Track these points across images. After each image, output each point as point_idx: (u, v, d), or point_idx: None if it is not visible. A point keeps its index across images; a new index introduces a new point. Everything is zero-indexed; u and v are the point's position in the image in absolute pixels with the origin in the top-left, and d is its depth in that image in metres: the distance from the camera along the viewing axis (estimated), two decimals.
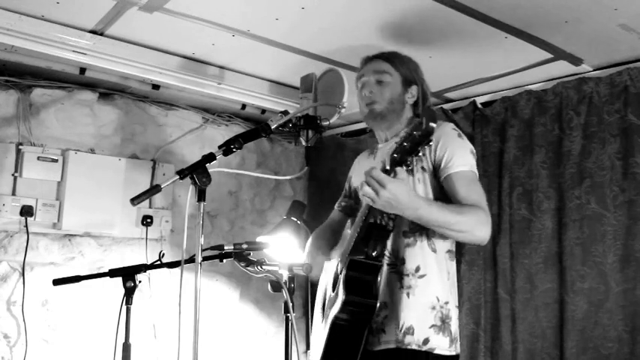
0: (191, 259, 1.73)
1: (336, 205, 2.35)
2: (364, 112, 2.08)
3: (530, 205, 2.78)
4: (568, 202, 2.64)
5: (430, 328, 1.85)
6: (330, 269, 2.16)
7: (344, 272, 1.84)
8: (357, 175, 2.23)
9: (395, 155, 1.51)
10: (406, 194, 1.64)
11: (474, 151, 1.94)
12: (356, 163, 2.30)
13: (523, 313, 2.76)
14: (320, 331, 2.06)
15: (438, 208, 1.76)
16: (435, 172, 1.91)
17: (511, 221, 2.83)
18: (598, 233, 2.53)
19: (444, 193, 1.89)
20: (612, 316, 2.46)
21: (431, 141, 1.46)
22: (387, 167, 1.55)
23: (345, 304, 1.78)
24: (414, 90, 2.06)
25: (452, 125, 1.96)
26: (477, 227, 1.78)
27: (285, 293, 1.77)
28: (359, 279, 1.82)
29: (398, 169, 1.60)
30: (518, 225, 2.78)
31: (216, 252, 1.88)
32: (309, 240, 2.32)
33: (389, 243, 1.90)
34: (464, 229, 1.77)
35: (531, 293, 2.74)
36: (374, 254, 1.83)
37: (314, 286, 2.36)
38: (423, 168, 1.92)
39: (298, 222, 3.01)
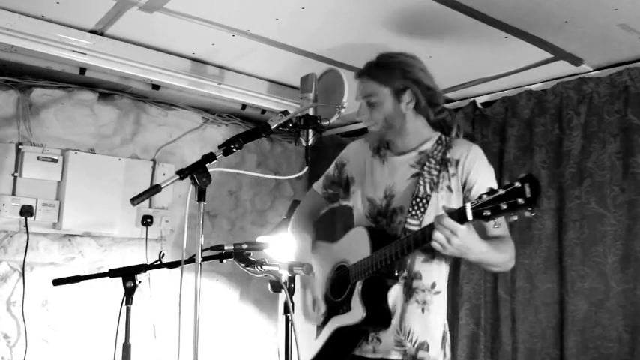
0: (191, 259, 1.73)
1: (319, 190, 2.24)
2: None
3: None
4: (568, 202, 2.64)
5: (440, 347, 1.87)
6: (318, 262, 2.13)
7: (361, 288, 1.85)
8: (354, 166, 2.15)
9: (486, 213, 1.48)
10: (475, 242, 1.64)
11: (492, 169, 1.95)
12: (353, 151, 2.19)
13: (523, 313, 2.75)
14: (310, 327, 2.06)
15: (495, 250, 1.77)
16: (462, 191, 1.90)
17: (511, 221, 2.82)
18: (598, 233, 2.53)
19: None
20: (612, 316, 2.46)
21: (534, 212, 1.44)
22: (470, 218, 1.52)
23: (365, 321, 1.82)
24: (407, 96, 1.95)
25: (481, 150, 1.94)
26: (510, 262, 1.87)
27: (285, 293, 1.77)
28: (378, 296, 1.85)
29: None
30: (518, 225, 2.77)
31: (216, 252, 1.88)
32: (296, 228, 2.25)
33: (408, 259, 1.90)
34: (502, 265, 1.86)
35: (531, 293, 2.74)
36: (396, 274, 1.85)
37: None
38: (449, 187, 1.89)
39: None
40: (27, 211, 2.89)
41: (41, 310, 2.98)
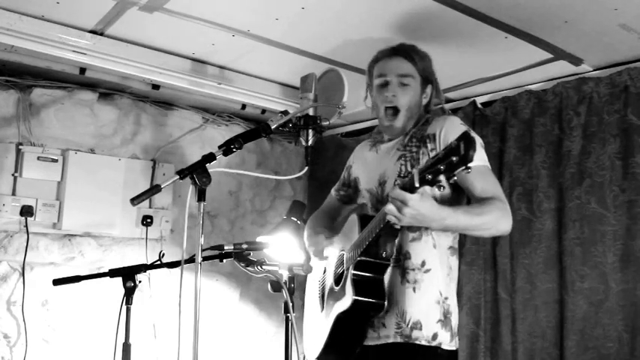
0: (191, 259, 1.73)
1: (334, 192, 2.35)
2: (382, 119, 2.03)
3: (530, 205, 2.78)
4: (568, 202, 2.64)
5: (437, 322, 1.86)
6: (330, 257, 2.15)
7: (352, 272, 1.85)
8: (357, 165, 2.23)
9: (428, 176, 1.46)
10: (430, 207, 1.63)
11: (483, 143, 1.93)
12: (357, 152, 2.28)
13: (523, 313, 2.75)
14: (319, 320, 2.06)
15: (463, 214, 1.76)
16: None
17: None
18: (598, 233, 2.53)
19: (453, 187, 1.89)
20: (612, 316, 2.46)
21: (469, 169, 1.41)
22: (417, 185, 1.50)
23: (354, 304, 1.81)
24: (429, 89, 2.04)
25: (459, 120, 1.94)
26: (499, 222, 1.81)
27: (285, 293, 1.78)
28: (368, 279, 1.84)
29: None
30: (518, 225, 2.77)
31: (216, 252, 1.89)
32: (308, 226, 2.30)
33: (397, 240, 1.90)
34: (488, 227, 1.81)
35: (531, 293, 2.74)
36: (384, 255, 1.84)
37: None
38: None
39: (298, 222, 3.01)
40: (27, 211, 2.89)
41: (41, 310, 2.98)
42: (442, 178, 1.44)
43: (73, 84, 3.11)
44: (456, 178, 1.46)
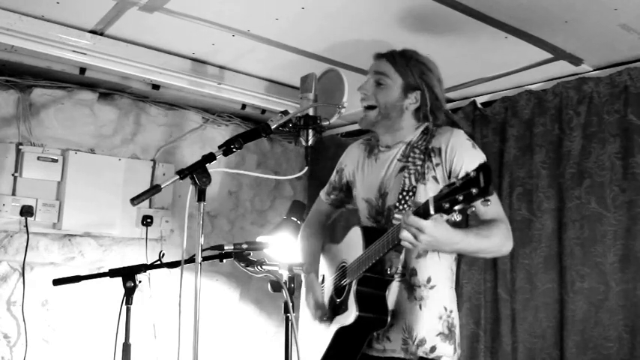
0: (191, 259, 1.73)
1: (323, 196, 2.29)
2: (360, 114, 2.05)
3: (530, 205, 2.78)
4: (568, 202, 2.64)
5: (437, 336, 1.86)
6: (326, 265, 2.14)
7: (356, 287, 1.85)
8: (350, 169, 2.18)
9: (445, 205, 1.45)
10: (445, 233, 1.63)
11: (487, 160, 1.92)
12: (349, 155, 2.22)
13: (523, 313, 2.75)
14: (318, 330, 2.06)
15: (474, 237, 1.76)
16: (448, 179, 1.88)
17: (511, 221, 2.80)
18: (598, 233, 2.53)
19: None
20: (612, 316, 2.46)
21: (489, 201, 1.41)
22: (432, 212, 1.50)
23: (358, 320, 1.81)
24: (416, 95, 1.98)
25: (465, 135, 1.92)
26: (504, 245, 1.84)
27: (285, 293, 1.78)
28: (372, 295, 1.84)
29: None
30: (518, 225, 2.78)
31: (216, 252, 1.89)
32: (301, 237, 2.29)
33: (401, 256, 1.90)
34: (494, 250, 1.84)
35: (531, 293, 2.74)
36: (389, 272, 1.85)
37: None
38: (435, 178, 1.89)
39: (298, 222, 3.01)
40: (27, 211, 2.89)
41: (41, 310, 2.98)
42: (458, 207, 1.44)
43: (73, 84, 3.11)
44: (474, 208, 1.46)
